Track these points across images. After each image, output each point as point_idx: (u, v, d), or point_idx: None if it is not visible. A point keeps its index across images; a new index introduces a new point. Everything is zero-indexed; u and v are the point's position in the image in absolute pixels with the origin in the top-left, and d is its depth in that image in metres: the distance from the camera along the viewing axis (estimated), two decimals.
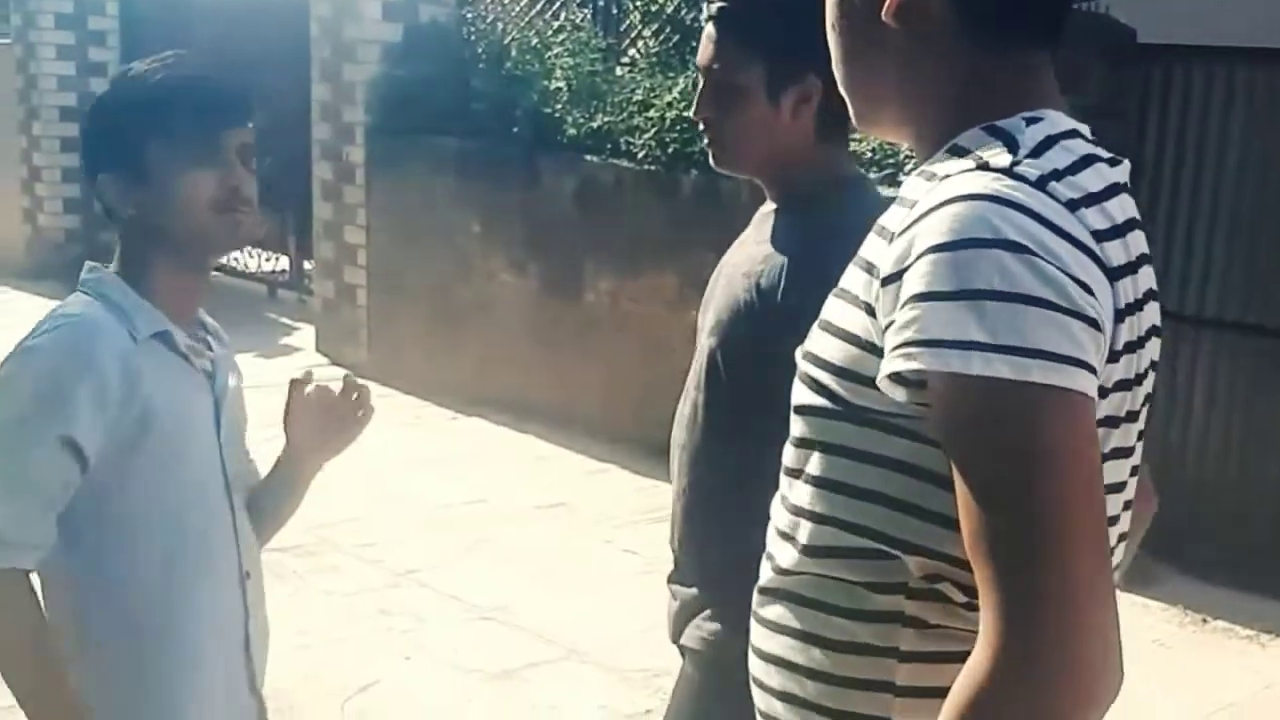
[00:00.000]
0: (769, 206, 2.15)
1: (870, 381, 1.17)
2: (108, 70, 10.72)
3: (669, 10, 6.61)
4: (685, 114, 6.02)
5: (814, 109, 2.04)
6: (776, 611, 1.32)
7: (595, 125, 6.44)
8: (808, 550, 1.28)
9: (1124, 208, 1.21)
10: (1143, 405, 1.28)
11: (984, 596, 1.09)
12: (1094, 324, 1.10)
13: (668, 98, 6.13)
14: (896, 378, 1.14)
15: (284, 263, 10.00)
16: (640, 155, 6.12)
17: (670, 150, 6.05)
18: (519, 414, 6.94)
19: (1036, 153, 1.17)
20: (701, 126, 2.14)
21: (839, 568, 1.25)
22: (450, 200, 7.40)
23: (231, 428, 2.03)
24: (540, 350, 6.90)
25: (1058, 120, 1.22)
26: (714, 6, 2.09)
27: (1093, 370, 1.10)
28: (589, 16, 7.28)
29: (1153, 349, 1.27)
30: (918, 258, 1.11)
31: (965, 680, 1.08)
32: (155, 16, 10.41)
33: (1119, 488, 1.26)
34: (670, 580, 2.24)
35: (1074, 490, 1.07)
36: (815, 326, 1.30)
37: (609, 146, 6.39)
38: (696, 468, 2.14)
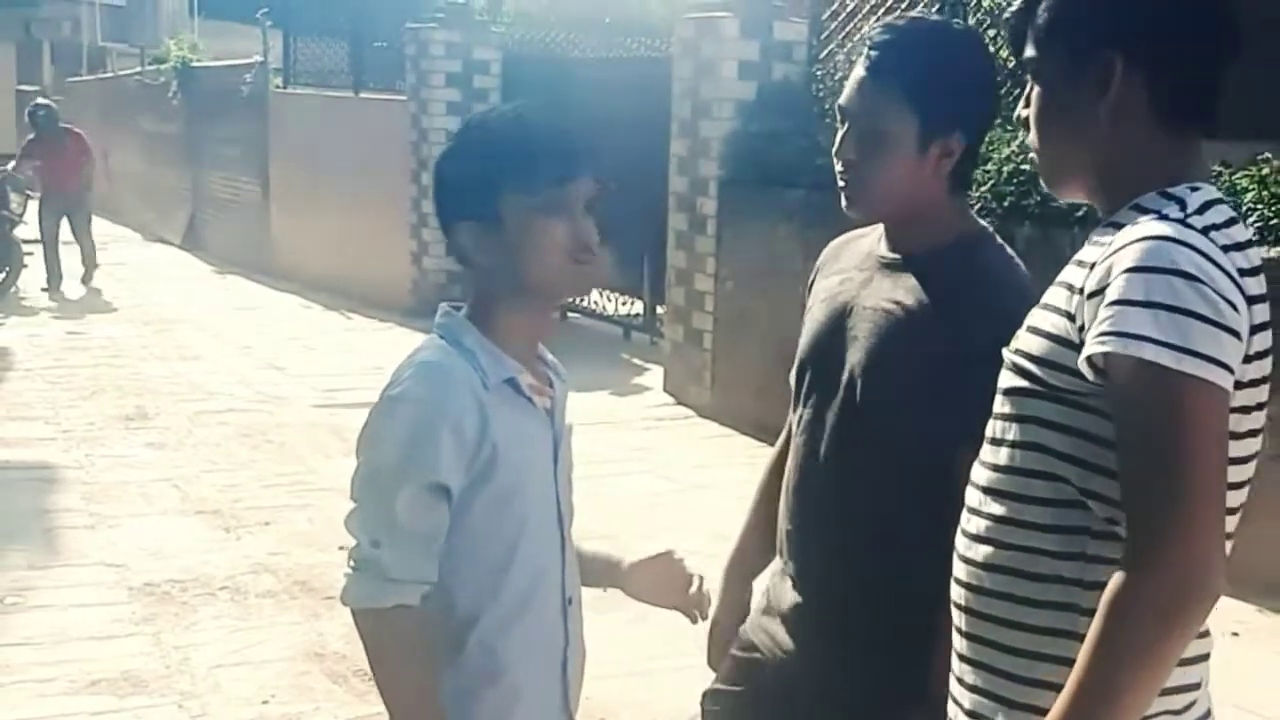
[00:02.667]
0: (881, 248, 2.20)
1: (1065, 369, 1.57)
2: None
3: (1009, 66, 6.64)
4: (1022, 167, 6.05)
5: (952, 164, 2.12)
6: (984, 552, 1.69)
7: None
8: (1016, 498, 1.65)
9: (1253, 258, 1.60)
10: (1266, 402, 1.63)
11: (1129, 522, 1.50)
12: (1237, 335, 1.49)
13: (1005, 151, 6.17)
14: (1089, 361, 1.51)
15: (638, 307, 10.51)
16: (976, 208, 6.17)
17: (1006, 203, 6.09)
18: None
19: (1200, 211, 1.57)
20: (840, 168, 2.17)
21: (1037, 514, 1.63)
22: (793, 250, 7.63)
23: (565, 460, 2.10)
24: None
25: (1211, 190, 1.63)
26: (872, 53, 2.13)
27: (1230, 370, 1.49)
28: None
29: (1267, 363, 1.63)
30: (1116, 276, 1.50)
31: (1111, 587, 1.47)
32: (533, 75, 11.14)
33: (1250, 459, 1.62)
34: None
35: (1203, 453, 1.46)
36: (1023, 330, 1.68)
37: None
38: (855, 512, 2.16)
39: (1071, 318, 1.58)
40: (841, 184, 2.18)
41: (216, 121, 16.88)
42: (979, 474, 1.73)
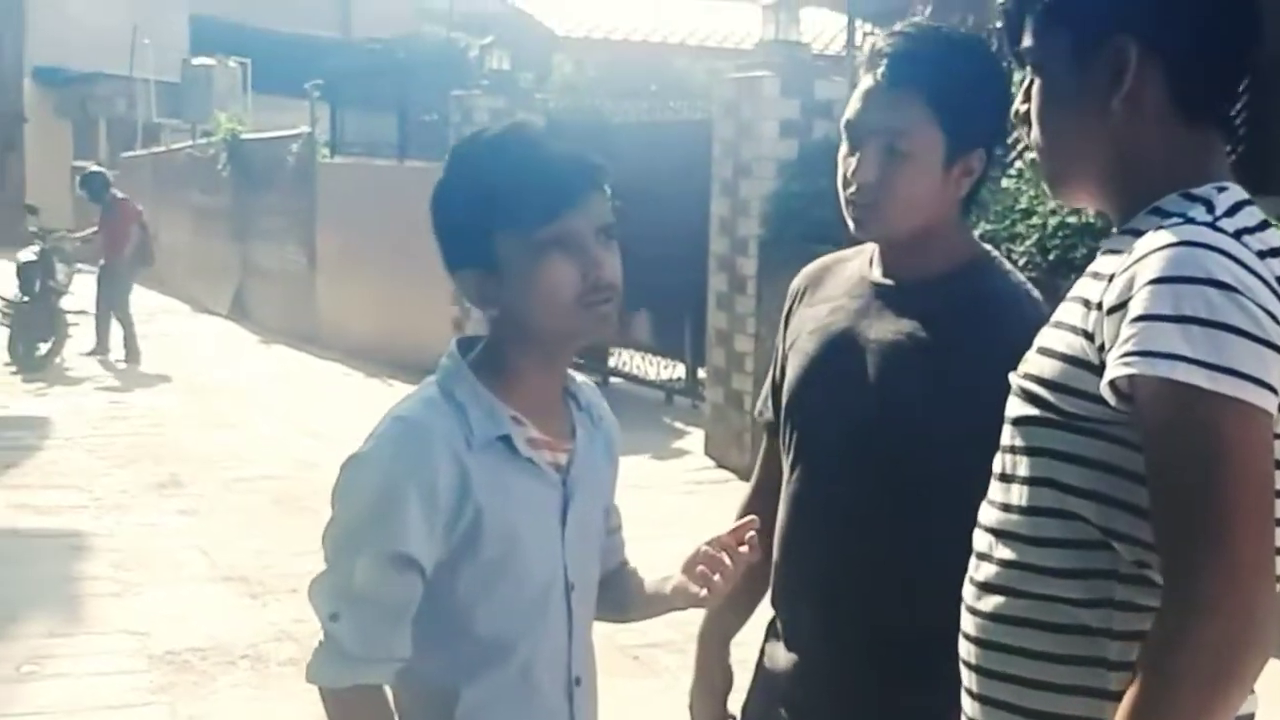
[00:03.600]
0: (876, 274, 2.02)
1: (1083, 394, 1.39)
2: None
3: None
4: (1068, 220, 5.91)
5: (971, 183, 1.96)
6: (995, 602, 1.50)
7: (978, 233, 6.37)
8: (1029, 541, 1.47)
9: None
10: None
11: (1164, 567, 1.31)
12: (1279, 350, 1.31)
13: (1050, 204, 6.02)
14: (1112, 384, 1.34)
15: (680, 370, 10.38)
16: (1022, 262, 6.02)
17: (1051, 257, 5.95)
18: None
19: (1230, 213, 1.40)
20: (852, 189, 1.96)
21: (1056, 557, 1.44)
22: None
23: (582, 522, 1.87)
24: None
25: (1239, 191, 1.45)
26: (888, 64, 1.93)
27: (1274, 390, 1.30)
28: None
29: None
30: (1140, 288, 1.32)
31: (1147, 646, 1.30)
32: (577, 136, 11.06)
33: None
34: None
35: (1245, 486, 1.28)
36: (1032, 352, 1.50)
37: None
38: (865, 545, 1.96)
39: (1089, 336, 1.40)
40: (851, 205, 1.98)
41: (264, 192, 16.98)
42: (987, 514, 1.55)
